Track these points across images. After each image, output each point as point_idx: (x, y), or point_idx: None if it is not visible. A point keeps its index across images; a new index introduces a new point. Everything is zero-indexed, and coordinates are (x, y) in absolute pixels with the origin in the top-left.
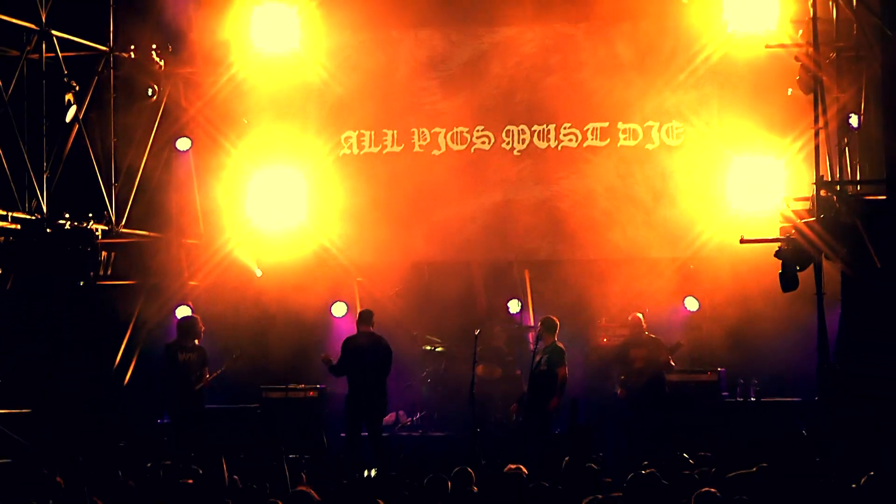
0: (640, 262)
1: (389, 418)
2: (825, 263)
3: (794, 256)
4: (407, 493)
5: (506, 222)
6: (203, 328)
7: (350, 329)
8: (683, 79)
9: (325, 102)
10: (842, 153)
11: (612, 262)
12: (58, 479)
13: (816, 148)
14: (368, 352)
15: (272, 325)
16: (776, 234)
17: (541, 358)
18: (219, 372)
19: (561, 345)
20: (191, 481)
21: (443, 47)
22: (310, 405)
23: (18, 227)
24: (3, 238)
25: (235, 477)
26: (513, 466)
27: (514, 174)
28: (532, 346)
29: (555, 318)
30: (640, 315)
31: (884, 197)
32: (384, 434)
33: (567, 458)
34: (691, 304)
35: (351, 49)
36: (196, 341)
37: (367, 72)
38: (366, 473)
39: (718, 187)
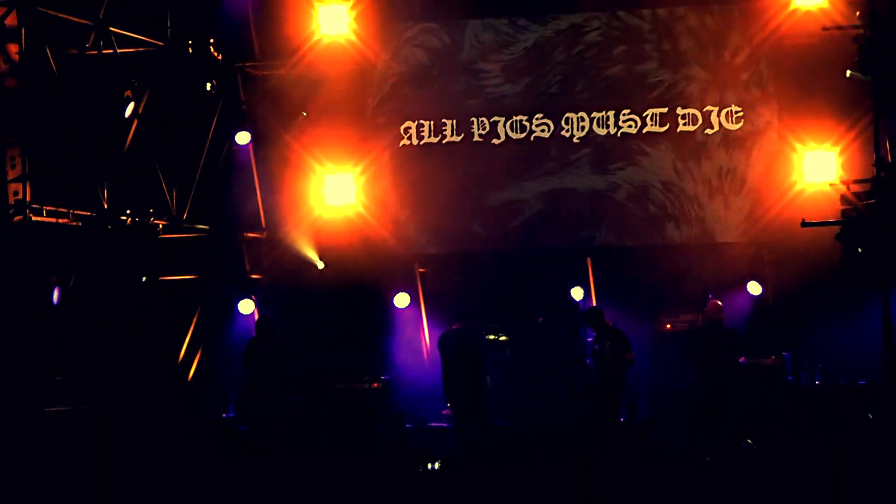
0: (702, 248)
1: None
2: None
3: (855, 239)
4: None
5: (563, 210)
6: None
7: (413, 319)
8: (743, 64)
9: (384, 93)
10: None
11: (673, 248)
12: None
13: (876, 129)
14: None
15: (336, 318)
16: (837, 217)
17: (602, 346)
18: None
19: (621, 330)
20: None
21: (508, 32)
22: (375, 397)
23: (80, 224)
24: (65, 235)
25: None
26: None
27: (573, 161)
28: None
29: (596, 307)
30: (719, 302)
31: None
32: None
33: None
34: (754, 289)
35: (412, 35)
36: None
37: (429, 57)
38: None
39: (781, 172)
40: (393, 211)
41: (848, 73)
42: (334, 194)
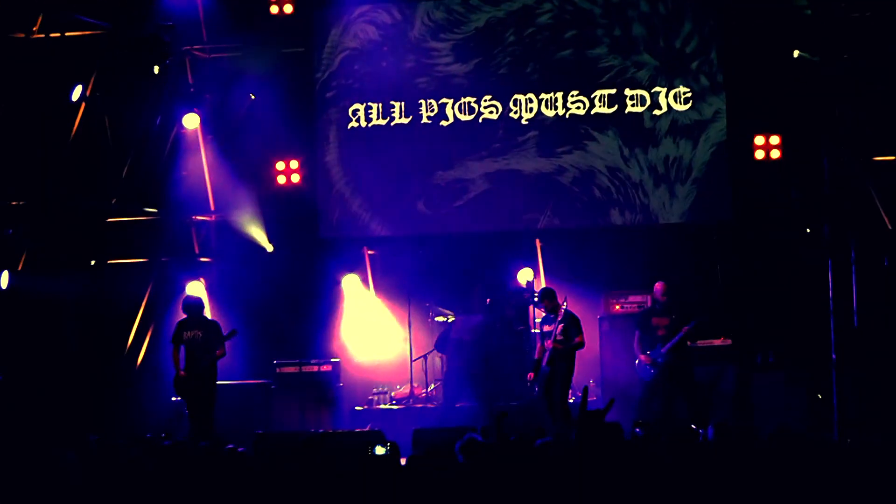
0: (651, 230)
1: (404, 391)
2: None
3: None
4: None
5: (509, 191)
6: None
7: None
8: (693, 52)
9: (332, 69)
10: None
11: (622, 229)
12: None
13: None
14: None
15: (284, 300)
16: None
17: (555, 328)
18: (220, 354)
19: (573, 312)
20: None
21: (460, 11)
22: (324, 379)
23: (26, 209)
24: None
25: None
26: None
27: (519, 143)
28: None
29: (550, 287)
30: (663, 283)
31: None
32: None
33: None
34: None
35: (364, 10)
36: (202, 318)
37: (379, 33)
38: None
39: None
40: (341, 193)
41: (796, 53)
42: (282, 177)
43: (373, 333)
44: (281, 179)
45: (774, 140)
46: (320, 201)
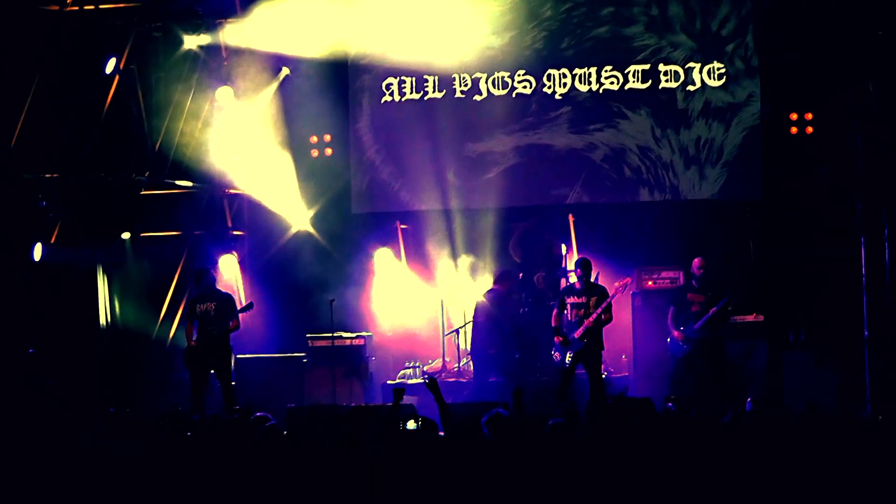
0: (683, 207)
1: (436, 365)
2: None
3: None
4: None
5: (539, 165)
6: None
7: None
8: (729, 35)
9: (365, 47)
10: None
11: (656, 206)
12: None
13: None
14: None
15: (317, 273)
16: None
17: (587, 300)
18: (234, 326)
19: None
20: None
21: None
22: (356, 352)
23: (59, 181)
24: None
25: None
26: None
27: (552, 118)
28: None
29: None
30: (701, 258)
31: None
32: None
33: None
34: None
35: None
36: (213, 290)
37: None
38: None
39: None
40: (373, 164)
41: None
42: (315, 150)
43: (405, 307)
44: (314, 153)
45: (807, 116)
46: (353, 173)
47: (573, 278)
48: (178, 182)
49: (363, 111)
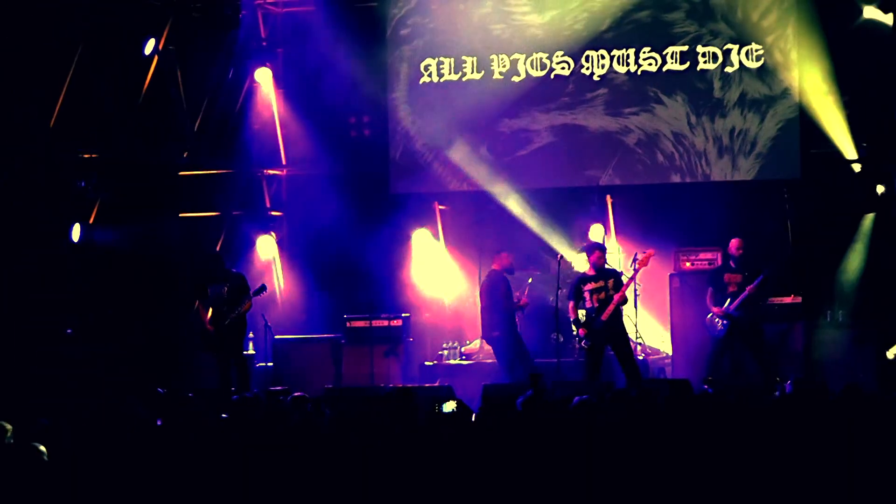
0: (721, 187)
1: (474, 346)
2: None
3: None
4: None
5: (572, 146)
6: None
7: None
8: (769, 26)
9: (408, 10)
10: None
11: (693, 187)
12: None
13: None
14: None
15: (355, 254)
16: None
17: (605, 284)
18: (247, 307)
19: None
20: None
21: None
22: (395, 334)
23: (98, 161)
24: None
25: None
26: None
27: (588, 100)
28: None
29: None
30: (739, 239)
31: None
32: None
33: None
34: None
35: None
36: (224, 270)
37: None
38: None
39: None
40: (412, 146)
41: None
42: (354, 130)
43: (443, 288)
44: (353, 133)
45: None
46: (391, 152)
47: (585, 266)
48: (216, 162)
49: (401, 87)
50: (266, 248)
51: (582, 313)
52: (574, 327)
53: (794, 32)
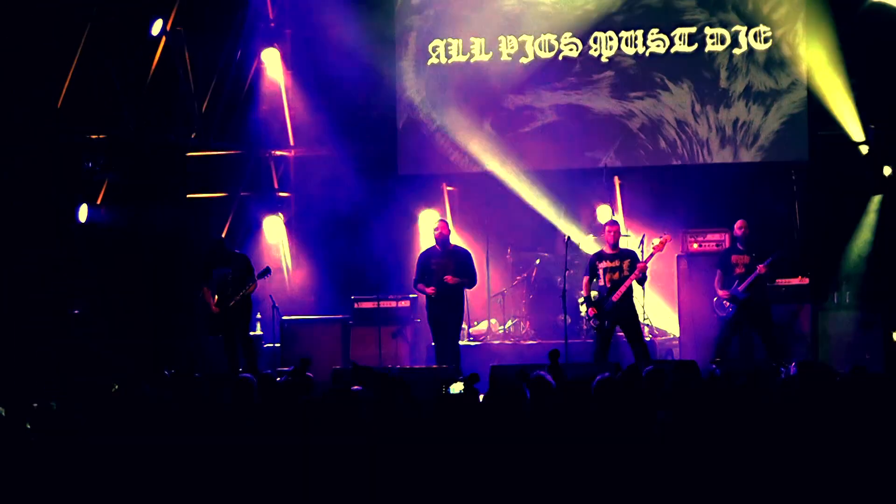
0: (729, 169)
1: (482, 328)
2: None
3: None
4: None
5: (575, 126)
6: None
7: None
8: (779, 19)
9: (412, 9)
10: None
11: (701, 168)
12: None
13: None
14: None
15: (363, 235)
16: None
17: (620, 264)
18: (251, 289)
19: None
20: None
21: None
22: (402, 315)
23: (106, 142)
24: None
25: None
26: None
27: (594, 81)
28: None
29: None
30: (744, 220)
31: None
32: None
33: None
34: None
35: None
36: (228, 252)
37: None
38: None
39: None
40: (421, 129)
41: None
42: (362, 112)
43: None
44: (361, 114)
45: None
46: (399, 133)
47: (594, 247)
48: (224, 144)
49: (409, 68)
50: (274, 229)
51: (594, 293)
52: (584, 306)
53: (803, 23)
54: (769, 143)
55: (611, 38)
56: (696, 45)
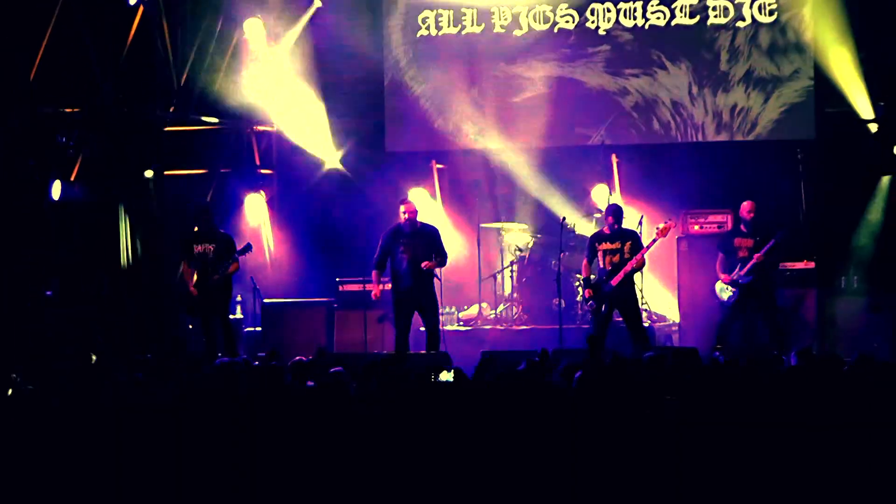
0: (732, 147)
1: (472, 312)
2: None
3: None
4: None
5: (566, 100)
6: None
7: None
8: (785, 4)
9: None
10: None
11: (702, 146)
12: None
13: None
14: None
15: (348, 214)
16: None
17: (621, 246)
18: (233, 268)
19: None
20: None
21: None
22: (389, 298)
23: (80, 116)
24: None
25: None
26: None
27: (589, 55)
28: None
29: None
30: (752, 202)
31: None
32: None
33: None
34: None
35: None
36: (212, 230)
37: None
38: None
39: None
40: (409, 101)
41: None
42: (347, 85)
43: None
44: (347, 89)
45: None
46: (387, 108)
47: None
48: (203, 118)
49: (397, 42)
50: (255, 207)
51: (593, 276)
52: (580, 289)
53: (810, 15)
54: (767, 132)
55: (608, 10)
56: (697, 18)
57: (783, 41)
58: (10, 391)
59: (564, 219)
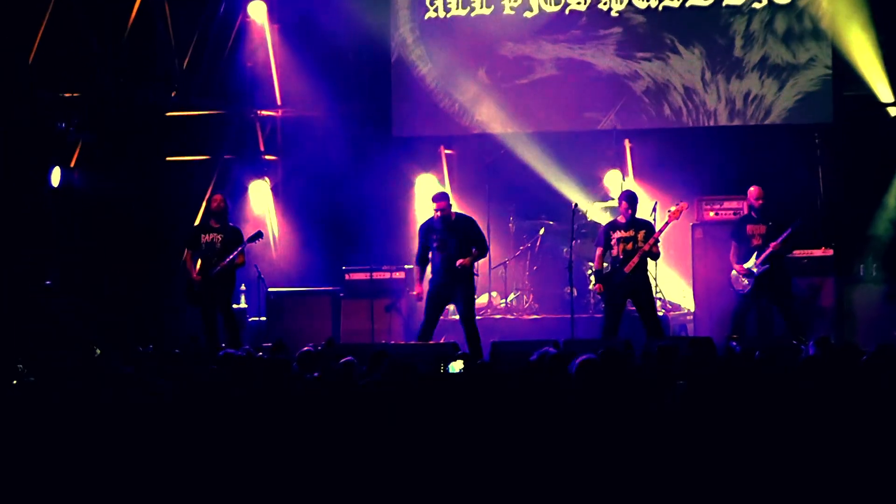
0: (748, 132)
1: (482, 301)
2: None
3: None
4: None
5: (575, 83)
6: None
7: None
8: None
9: None
10: None
11: (718, 130)
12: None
13: None
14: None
15: (355, 201)
16: None
17: (635, 234)
18: (239, 260)
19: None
20: None
21: None
22: (396, 287)
23: (80, 101)
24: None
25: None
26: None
27: (601, 37)
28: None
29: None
30: (759, 187)
31: None
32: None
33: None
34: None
35: None
36: (222, 221)
37: None
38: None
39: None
40: (417, 87)
41: None
42: (353, 68)
43: None
44: (353, 72)
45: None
46: (394, 92)
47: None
48: (206, 103)
49: (405, 24)
50: (260, 194)
51: (606, 265)
52: (592, 279)
53: (827, 2)
54: (780, 119)
55: None
56: (712, 0)
57: (799, 28)
58: (14, 381)
59: (576, 204)
